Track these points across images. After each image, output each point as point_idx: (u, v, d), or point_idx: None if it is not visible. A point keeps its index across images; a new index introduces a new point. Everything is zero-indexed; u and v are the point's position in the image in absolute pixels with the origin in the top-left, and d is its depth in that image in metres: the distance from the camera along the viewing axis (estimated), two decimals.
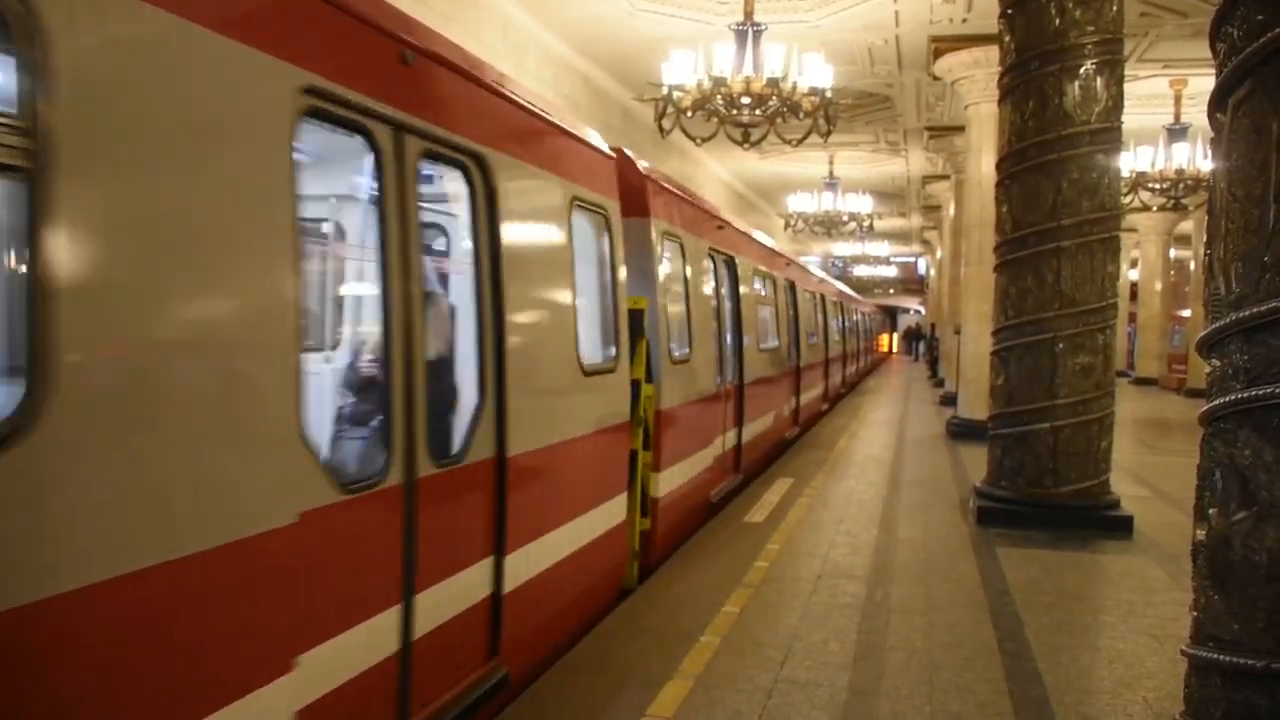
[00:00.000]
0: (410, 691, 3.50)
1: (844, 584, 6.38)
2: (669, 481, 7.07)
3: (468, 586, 3.99)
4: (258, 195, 2.72)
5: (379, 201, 3.42)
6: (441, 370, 4.09)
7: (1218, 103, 2.50)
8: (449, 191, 4.42)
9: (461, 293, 4.23)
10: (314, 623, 2.94)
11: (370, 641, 3.25)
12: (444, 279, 4.59)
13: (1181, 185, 15.60)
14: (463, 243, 4.25)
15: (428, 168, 4.06)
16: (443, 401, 4.07)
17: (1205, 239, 2.62)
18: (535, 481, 4.67)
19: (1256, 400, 2.33)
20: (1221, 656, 2.43)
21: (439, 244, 5.17)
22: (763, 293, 11.91)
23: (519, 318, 4.45)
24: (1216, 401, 2.49)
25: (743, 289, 10.10)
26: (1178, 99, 15.36)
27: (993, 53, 9.77)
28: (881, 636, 5.37)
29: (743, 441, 9.80)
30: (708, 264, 8.58)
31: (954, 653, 5.13)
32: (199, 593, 2.46)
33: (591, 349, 5.65)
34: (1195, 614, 2.63)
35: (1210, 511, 2.51)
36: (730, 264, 9.73)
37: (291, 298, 2.81)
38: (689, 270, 7.87)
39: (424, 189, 4.70)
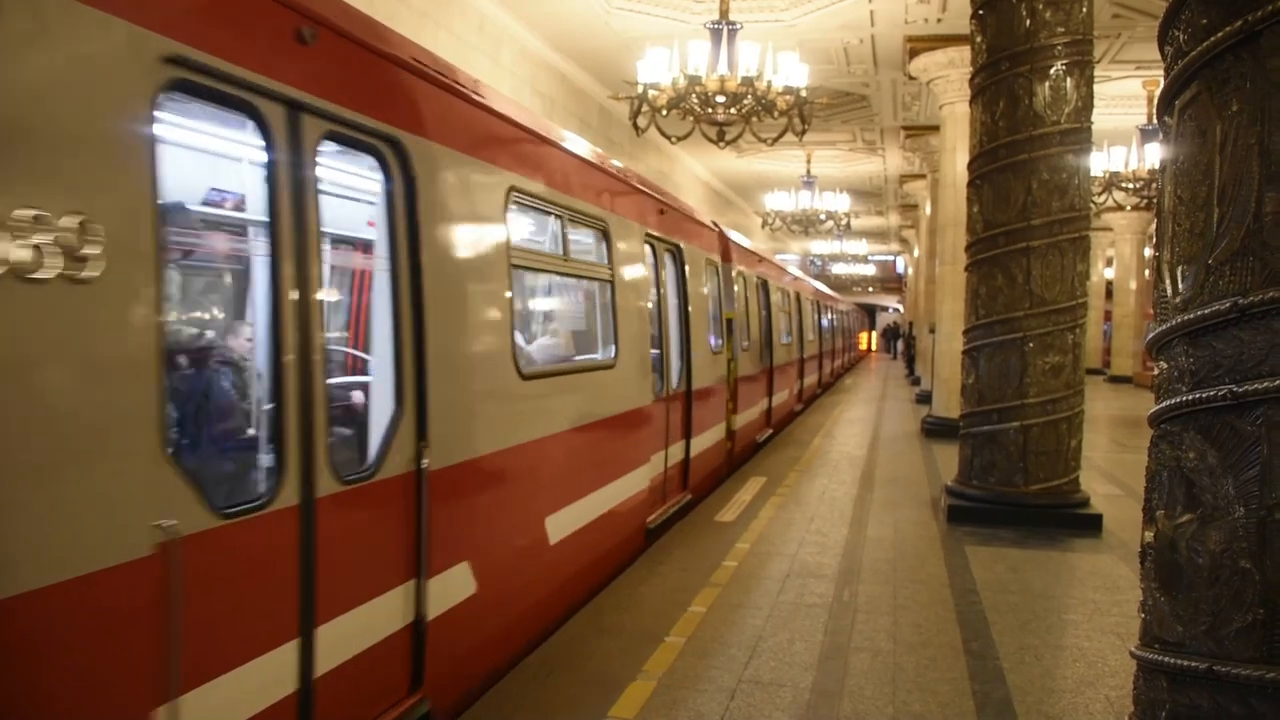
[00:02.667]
0: None
1: (812, 583, 6.39)
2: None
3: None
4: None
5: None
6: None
7: (1165, 106, 2.51)
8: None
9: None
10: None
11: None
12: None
13: (1154, 185, 15.73)
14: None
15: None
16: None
17: (1154, 241, 2.63)
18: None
19: (1201, 403, 2.34)
20: (1166, 658, 2.44)
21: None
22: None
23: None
24: (1163, 404, 2.50)
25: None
26: (1150, 99, 15.49)
27: (967, 53, 9.80)
28: (847, 636, 5.37)
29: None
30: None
31: (919, 653, 5.14)
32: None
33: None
34: (1143, 616, 2.64)
35: (1157, 514, 2.52)
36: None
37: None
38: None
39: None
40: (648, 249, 7.73)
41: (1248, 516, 2.24)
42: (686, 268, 8.90)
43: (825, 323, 25.57)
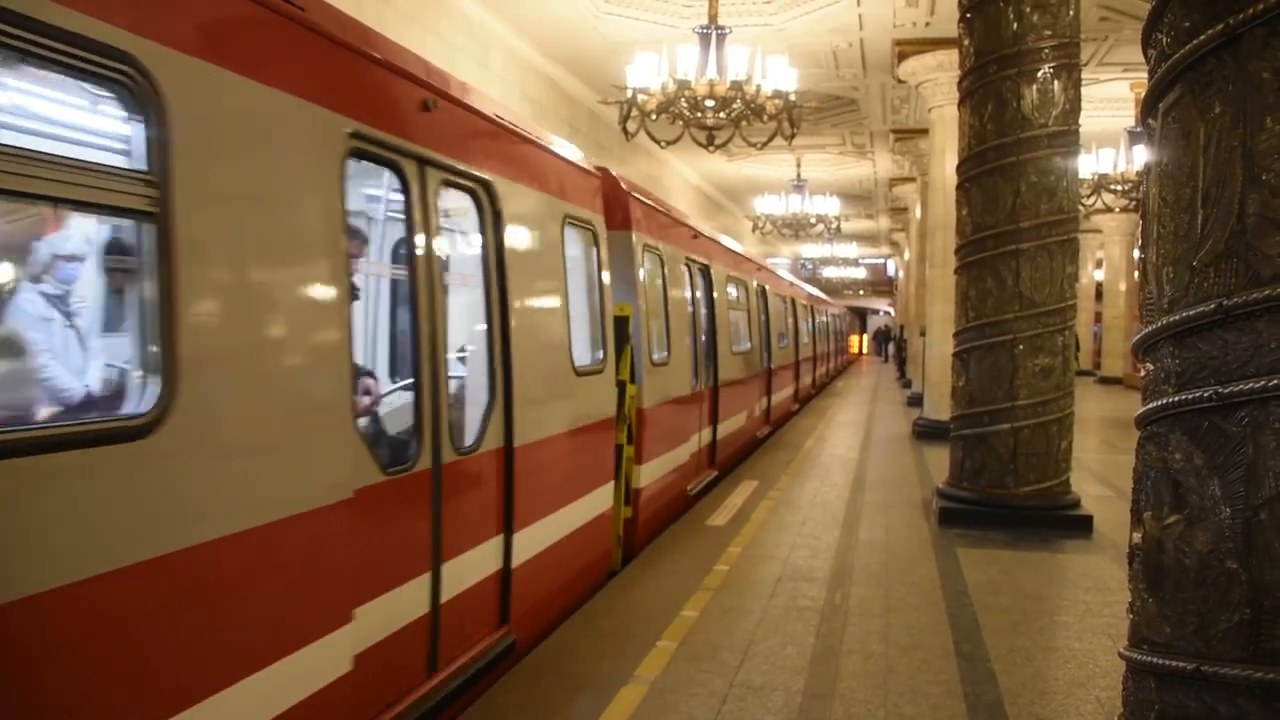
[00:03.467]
0: None
1: (803, 587, 6.39)
2: None
3: None
4: None
5: None
6: None
7: (1149, 108, 2.52)
8: None
9: None
10: None
11: None
12: None
13: (1142, 187, 15.80)
14: None
15: None
16: None
17: (1140, 243, 2.64)
18: None
19: (1186, 404, 2.35)
20: (1155, 659, 2.45)
21: None
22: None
23: None
24: (1150, 405, 2.51)
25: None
26: (1138, 102, 15.56)
27: (955, 56, 9.83)
28: (839, 640, 5.37)
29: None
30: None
31: (910, 655, 5.15)
32: None
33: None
34: (1131, 617, 2.65)
35: (1145, 515, 2.53)
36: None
37: None
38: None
39: None
40: (379, 172, 4.17)
41: (1234, 517, 2.25)
42: (506, 227, 4.93)
43: (807, 325, 22.11)
